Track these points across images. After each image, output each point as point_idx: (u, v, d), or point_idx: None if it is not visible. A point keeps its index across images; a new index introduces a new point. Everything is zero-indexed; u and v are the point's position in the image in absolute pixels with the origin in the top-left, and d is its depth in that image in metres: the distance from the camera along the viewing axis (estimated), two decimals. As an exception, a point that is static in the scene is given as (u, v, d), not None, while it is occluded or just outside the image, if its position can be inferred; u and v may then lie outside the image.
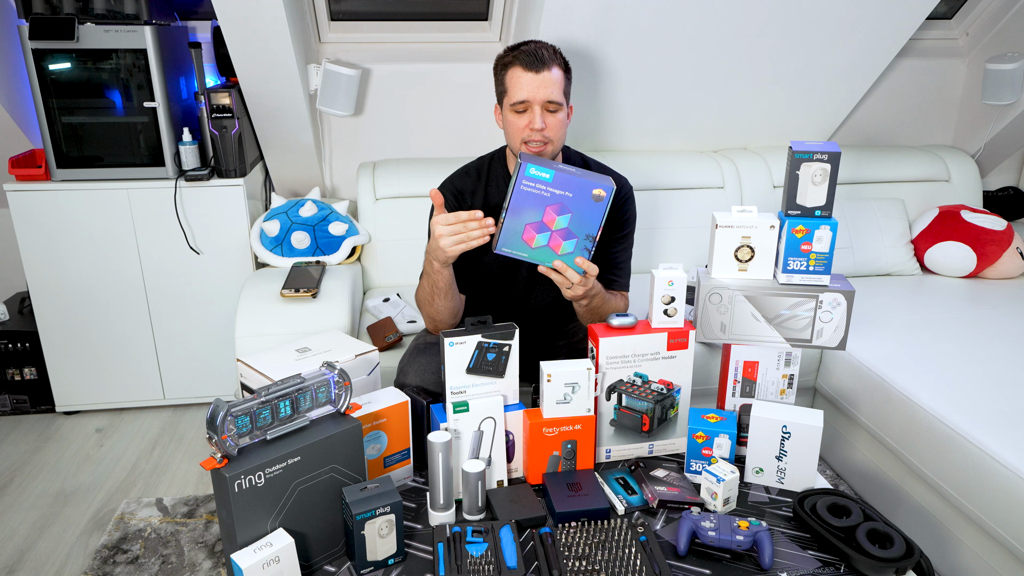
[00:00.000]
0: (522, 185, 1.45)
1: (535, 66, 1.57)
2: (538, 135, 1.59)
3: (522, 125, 1.60)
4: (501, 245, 1.49)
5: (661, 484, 1.46)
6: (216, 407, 1.12)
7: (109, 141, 2.36)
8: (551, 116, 1.60)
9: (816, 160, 1.46)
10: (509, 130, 1.65)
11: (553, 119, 1.60)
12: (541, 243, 1.49)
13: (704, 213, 2.63)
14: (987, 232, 2.61)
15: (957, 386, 1.88)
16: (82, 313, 2.48)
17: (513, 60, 1.60)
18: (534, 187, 1.45)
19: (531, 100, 1.58)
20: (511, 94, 1.61)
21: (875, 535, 1.29)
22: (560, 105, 1.60)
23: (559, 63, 1.61)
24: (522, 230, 1.48)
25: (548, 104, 1.59)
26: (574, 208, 1.46)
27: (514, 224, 1.47)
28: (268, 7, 2.03)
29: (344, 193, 2.78)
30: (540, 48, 1.60)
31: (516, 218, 1.47)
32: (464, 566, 1.21)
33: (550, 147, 1.62)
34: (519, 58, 1.59)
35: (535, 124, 1.58)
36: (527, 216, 1.47)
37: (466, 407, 1.41)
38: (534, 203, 1.46)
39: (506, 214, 1.47)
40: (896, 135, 3.08)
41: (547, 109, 1.59)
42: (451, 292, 1.65)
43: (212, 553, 1.91)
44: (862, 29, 2.44)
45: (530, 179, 1.45)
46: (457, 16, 2.64)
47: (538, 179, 1.45)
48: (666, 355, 1.52)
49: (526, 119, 1.60)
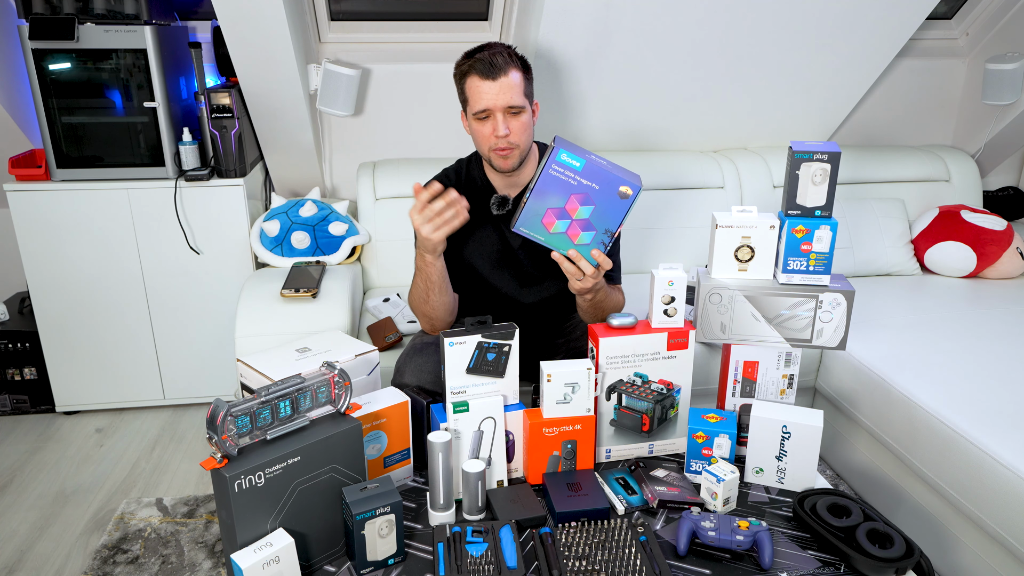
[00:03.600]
0: (551, 169, 1.45)
1: (491, 74, 1.57)
2: (503, 141, 1.60)
3: (487, 133, 1.61)
4: (520, 224, 1.49)
5: (661, 484, 1.46)
6: (216, 407, 1.12)
7: (109, 141, 2.36)
8: (514, 120, 1.60)
9: (816, 160, 1.46)
10: (476, 138, 1.66)
11: (516, 123, 1.60)
12: (559, 229, 1.49)
13: (704, 213, 2.63)
14: (987, 232, 2.61)
15: (957, 386, 1.88)
16: (82, 313, 2.48)
17: (469, 69, 1.60)
18: (562, 173, 1.45)
19: (492, 108, 1.58)
20: (472, 104, 1.61)
21: (875, 535, 1.29)
22: (522, 108, 1.60)
23: (516, 65, 1.60)
24: (543, 213, 1.48)
25: (509, 109, 1.59)
26: (598, 200, 1.47)
27: (536, 206, 1.47)
28: (268, 7, 2.03)
29: (344, 193, 2.78)
30: (494, 55, 1.58)
31: (539, 200, 1.47)
32: (464, 566, 1.21)
33: (517, 151, 1.63)
34: (475, 67, 1.58)
35: (499, 131, 1.58)
36: (550, 200, 1.47)
37: (466, 407, 1.41)
38: (560, 189, 1.46)
39: (530, 194, 1.47)
40: (896, 135, 3.08)
41: (509, 113, 1.59)
42: (445, 286, 1.66)
43: (212, 553, 1.91)
44: (862, 29, 2.44)
45: (560, 164, 1.44)
46: (457, 16, 2.64)
47: (568, 166, 1.44)
48: (666, 355, 1.52)
49: (490, 127, 1.60)
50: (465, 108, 1.66)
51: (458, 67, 1.64)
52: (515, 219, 1.50)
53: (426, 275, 1.63)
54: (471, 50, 1.63)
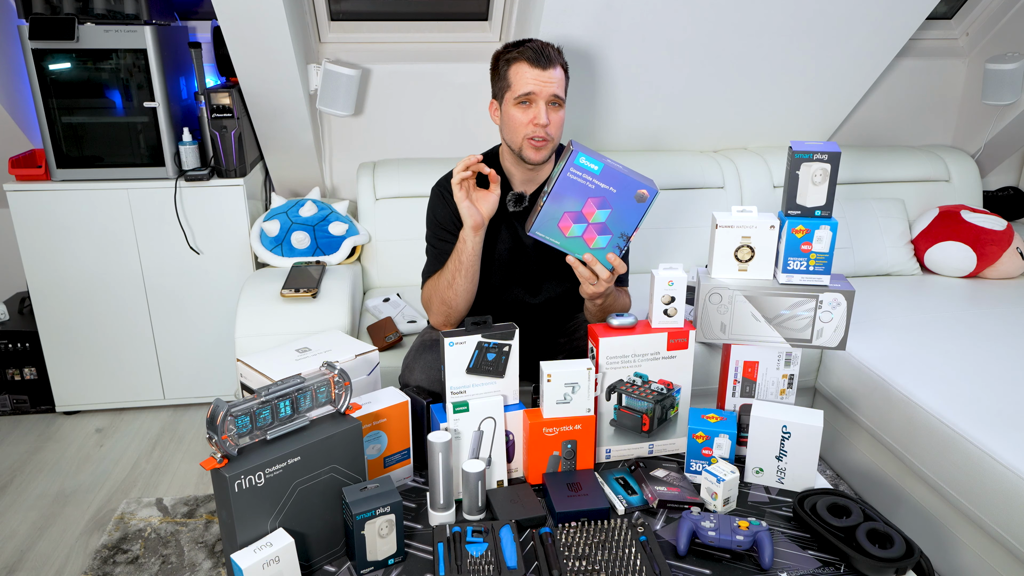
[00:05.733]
0: (569, 172, 1.45)
1: (541, 63, 1.58)
2: (542, 131, 1.60)
3: (526, 120, 1.60)
4: (535, 228, 1.49)
5: (661, 484, 1.46)
6: (216, 407, 1.12)
7: (109, 141, 2.36)
8: (554, 113, 1.61)
9: (816, 160, 1.47)
10: (511, 125, 1.64)
11: (556, 116, 1.61)
12: (575, 233, 1.49)
13: (704, 213, 2.63)
14: (987, 232, 2.61)
15: (957, 386, 1.88)
16: (82, 313, 2.48)
17: (519, 56, 1.60)
18: (581, 177, 1.45)
19: (537, 93, 1.59)
20: (515, 88, 1.60)
21: (875, 535, 1.29)
22: (563, 102, 1.62)
23: (562, 63, 1.63)
24: (559, 217, 1.48)
25: (552, 99, 1.60)
26: (615, 204, 1.47)
27: (553, 210, 1.47)
28: (268, 7, 2.03)
29: (344, 193, 2.78)
30: (546, 47, 1.61)
31: (556, 204, 1.47)
32: (464, 566, 1.21)
33: (550, 144, 1.63)
34: (525, 54, 1.60)
35: (540, 119, 1.58)
36: (567, 204, 1.47)
37: (466, 407, 1.41)
38: (577, 192, 1.46)
39: (547, 198, 1.47)
40: (896, 135, 3.08)
41: (551, 104, 1.60)
42: (474, 272, 1.65)
43: (212, 553, 1.91)
44: (862, 29, 2.44)
45: (578, 168, 1.45)
46: (457, 16, 2.64)
47: (586, 169, 1.45)
48: (666, 355, 1.52)
49: (531, 113, 1.60)
50: (501, 96, 1.65)
51: (501, 55, 1.65)
52: (530, 222, 1.50)
53: (460, 254, 1.62)
54: (516, 41, 1.64)
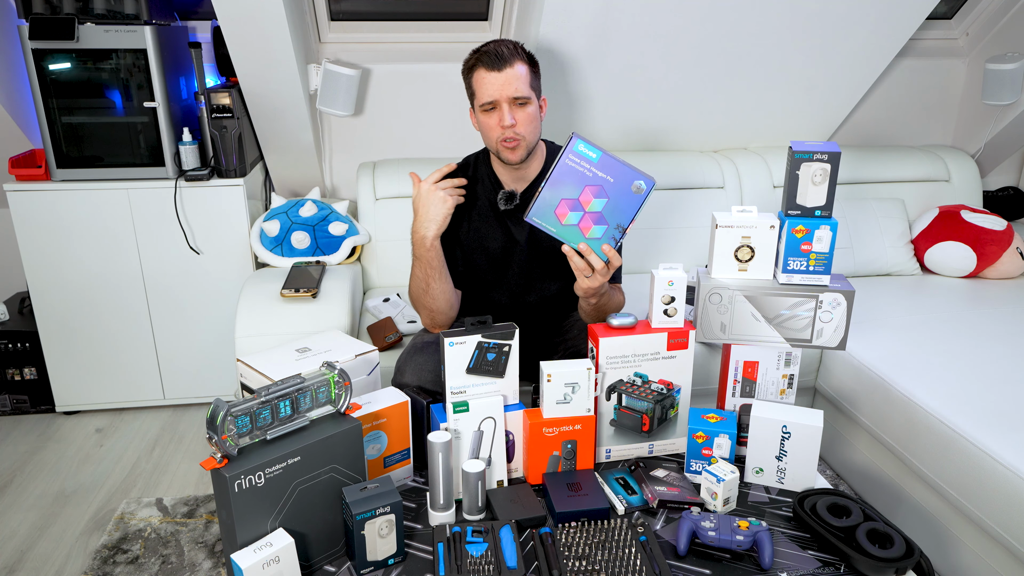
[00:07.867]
0: (567, 159, 1.47)
1: (497, 65, 1.58)
2: (510, 131, 1.60)
3: (494, 124, 1.62)
4: (532, 214, 1.50)
5: (661, 484, 1.46)
6: (216, 407, 1.12)
7: (109, 141, 2.36)
8: (520, 111, 1.61)
9: (816, 160, 1.46)
10: (484, 132, 1.66)
11: (523, 114, 1.61)
12: (572, 221, 1.49)
13: (704, 213, 2.63)
14: (987, 232, 2.61)
15: (957, 386, 1.88)
16: (82, 313, 2.48)
17: (476, 63, 1.61)
18: (578, 164, 1.47)
19: (498, 99, 1.59)
20: (479, 96, 1.62)
21: (875, 535, 1.29)
22: (528, 99, 1.61)
23: (522, 58, 1.62)
24: (556, 204, 1.49)
25: (515, 100, 1.60)
26: (612, 194, 1.48)
27: (550, 196, 1.48)
28: (268, 7, 2.03)
29: (344, 193, 2.78)
30: (500, 46, 1.60)
31: (553, 191, 1.48)
32: (464, 566, 1.21)
33: (523, 143, 1.63)
34: (481, 60, 1.60)
35: (504, 121, 1.59)
36: (564, 191, 1.48)
37: (466, 407, 1.41)
38: (575, 179, 1.47)
39: (545, 184, 1.48)
40: (896, 135, 3.08)
41: (516, 104, 1.60)
42: (445, 272, 1.67)
43: (212, 553, 1.91)
44: (862, 29, 2.44)
45: (576, 155, 1.46)
46: (457, 16, 2.64)
47: (584, 156, 1.46)
48: (666, 355, 1.52)
49: (496, 118, 1.61)
50: (473, 103, 1.67)
51: (465, 63, 1.66)
52: (528, 209, 1.51)
53: (426, 261, 1.64)
54: (477, 47, 1.65)
